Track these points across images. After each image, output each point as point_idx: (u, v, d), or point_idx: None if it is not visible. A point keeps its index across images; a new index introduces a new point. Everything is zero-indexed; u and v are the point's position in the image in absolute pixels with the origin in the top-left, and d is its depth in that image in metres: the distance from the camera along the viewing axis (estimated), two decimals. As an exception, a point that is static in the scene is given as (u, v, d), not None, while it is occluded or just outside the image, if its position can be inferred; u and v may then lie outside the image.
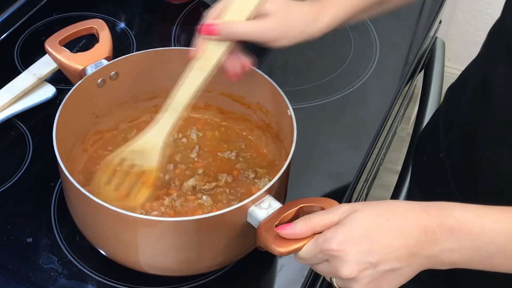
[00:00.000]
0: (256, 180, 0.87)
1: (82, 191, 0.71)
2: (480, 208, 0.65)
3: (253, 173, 0.88)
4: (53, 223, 0.86)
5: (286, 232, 0.67)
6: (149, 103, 0.93)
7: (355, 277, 0.64)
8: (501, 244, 0.64)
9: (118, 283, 0.81)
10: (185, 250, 0.75)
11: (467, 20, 1.97)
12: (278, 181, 0.74)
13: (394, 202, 0.68)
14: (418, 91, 1.22)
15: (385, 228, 0.64)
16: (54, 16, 1.16)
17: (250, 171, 0.88)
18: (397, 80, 1.10)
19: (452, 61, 2.00)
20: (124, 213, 0.70)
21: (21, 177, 0.91)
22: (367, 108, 1.05)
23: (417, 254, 0.64)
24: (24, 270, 0.81)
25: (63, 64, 0.86)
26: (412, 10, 1.23)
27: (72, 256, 0.82)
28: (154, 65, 0.89)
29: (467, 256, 0.65)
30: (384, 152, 1.14)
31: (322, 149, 0.97)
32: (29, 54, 1.07)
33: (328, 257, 0.65)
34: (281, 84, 0.84)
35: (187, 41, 1.13)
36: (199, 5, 1.21)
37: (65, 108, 0.80)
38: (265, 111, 0.89)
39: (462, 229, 0.64)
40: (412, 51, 1.15)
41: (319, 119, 1.02)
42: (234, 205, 0.71)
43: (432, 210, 0.65)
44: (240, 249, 0.79)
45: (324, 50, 1.14)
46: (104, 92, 0.87)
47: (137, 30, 1.16)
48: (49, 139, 0.76)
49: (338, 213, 0.66)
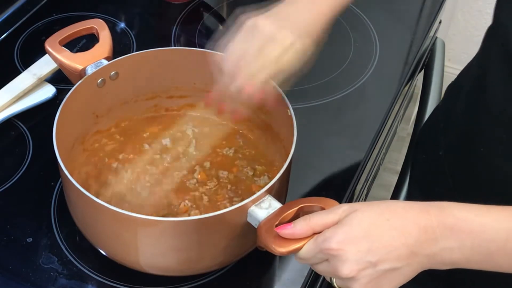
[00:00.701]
0: (255, 178, 0.87)
1: (82, 191, 0.71)
2: (480, 207, 0.66)
3: (252, 171, 0.88)
4: (53, 223, 0.86)
5: (286, 232, 0.67)
6: (149, 103, 0.93)
7: (354, 276, 0.64)
8: (501, 242, 0.64)
9: (118, 283, 0.81)
10: (185, 250, 0.75)
11: (467, 20, 1.97)
12: (278, 181, 0.74)
13: (394, 202, 0.68)
14: (418, 91, 1.22)
15: (385, 227, 0.64)
16: (54, 16, 1.16)
17: (249, 168, 0.88)
18: (397, 80, 1.10)
19: (452, 61, 2.00)
20: (124, 213, 0.70)
21: (21, 177, 0.91)
22: (367, 108, 1.05)
23: (417, 253, 0.64)
24: (24, 270, 0.81)
25: (63, 64, 0.86)
26: (412, 10, 1.23)
27: (72, 256, 0.82)
28: (154, 65, 0.89)
29: (467, 255, 0.65)
30: (384, 152, 1.14)
31: (322, 149, 0.97)
32: (29, 54, 1.07)
33: (327, 256, 0.65)
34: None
35: (187, 41, 1.14)
36: (199, 5, 1.21)
37: (65, 108, 0.80)
38: (265, 111, 0.89)
39: (462, 228, 0.64)
40: (412, 51, 1.15)
41: (319, 119, 1.02)
42: (234, 205, 0.71)
43: (432, 209, 0.65)
44: (240, 249, 0.79)
45: (324, 50, 1.13)
46: (104, 92, 0.87)
47: (137, 30, 1.16)
48: (49, 139, 0.76)
49: (338, 213, 0.66)
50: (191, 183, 0.86)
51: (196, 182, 0.86)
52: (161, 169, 0.88)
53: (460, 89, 0.88)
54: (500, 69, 0.74)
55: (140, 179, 0.87)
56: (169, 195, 0.85)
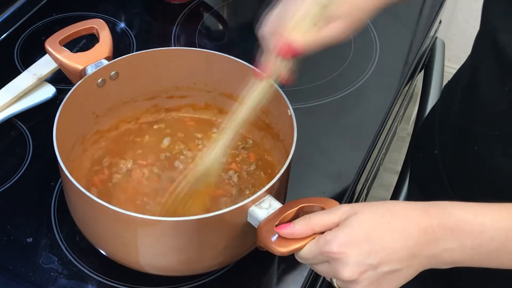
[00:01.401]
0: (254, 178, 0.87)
1: (82, 191, 0.71)
2: (479, 206, 0.66)
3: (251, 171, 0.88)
4: (53, 223, 0.86)
5: (286, 232, 0.67)
6: (149, 103, 0.93)
7: (355, 279, 0.64)
8: (501, 241, 0.64)
9: (118, 283, 0.81)
10: (185, 250, 0.75)
11: (467, 20, 1.97)
12: (278, 181, 0.74)
13: (394, 203, 0.68)
14: (418, 91, 1.22)
15: (385, 229, 0.64)
16: (54, 16, 1.16)
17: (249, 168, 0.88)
18: (397, 80, 1.10)
19: (452, 61, 1.99)
20: (124, 213, 0.70)
21: (21, 177, 0.91)
22: (367, 108, 1.05)
23: (418, 254, 0.64)
24: (24, 270, 0.81)
25: (63, 64, 0.86)
26: (412, 10, 1.23)
27: (72, 256, 0.82)
28: (154, 65, 0.89)
29: (467, 254, 0.65)
30: (384, 152, 1.14)
31: (322, 149, 0.97)
32: (29, 54, 1.07)
33: (328, 259, 0.65)
34: (281, 84, 0.84)
35: (187, 41, 1.14)
36: (199, 5, 1.21)
37: (65, 108, 0.80)
38: (265, 111, 0.89)
39: (462, 228, 0.64)
40: (412, 51, 1.15)
41: (319, 119, 1.02)
42: (234, 205, 0.71)
43: (432, 210, 0.65)
44: (240, 249, 0.79)
45: (324, 50, 1.14)
46: (104, 92, 0.87)
47: (137, 30, 1.16)
48: (49, 139, 0.76)
49: (338, 214, 0.66)
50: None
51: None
52: (161, 169, 0.88)
53: (455, 89, 0.89)
54: (491, 68, 0.75)
55: (140, 178, 0.87)
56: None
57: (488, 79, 0.76)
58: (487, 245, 0.64)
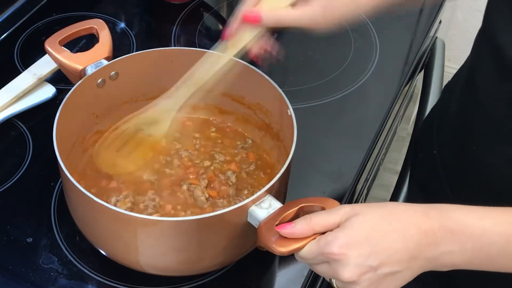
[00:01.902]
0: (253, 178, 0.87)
1: (82, 191, 0.71)
2: (480, 210, 0.66)
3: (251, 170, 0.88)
4: (53, 223, 0.86)
5: (286, 231, 0.67)
6: (149, 103, 0.93)
7: (355, 280, 0.64)
8: (502, 245, 0.64)
9: (118, 283, 0.81)
10: (185, 250, 0.75)
11: (467, 20, 1.97)
12: (278, 181, 0.74)
13: (395, 205, 0.68)
14: (418, 91, 1.22)
15: (386, 231, 0.64)
16: (54, 16, 1.16)
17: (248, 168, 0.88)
18: (397, 80, 1.10)
19: (452, 61, 1.99)
20: (124, 213, 0.70)
21: (21, 177, 0.91)
22: (367, 108, 1.05)
23: (418, 257, 0.64)
24: (24, 270, 0.81)
25: (63, 64, 0.86)
26: (412, 10, 1.23)
27: (72, 256, 0.82)
28: (154, 65, 0.89)
29: (467, 257, 0.65)
30: (384, 152, 1.14)
31: (322, 149, 0.97)
32: (29, 54, 1.07)
33: (328, 259, 0.65)
34: (281, 84, 0.84)
35: (187, 41, 1.14)
36: (199, 5, 1.21)
37: (65, 108, 0.80)
38: (265, 111, 0.89)
39: (463, 231, 0.64)
40: (412, 51, 1.15)
41: (319, 119, 1.02)
42: (234, 205, 0.71)
43: (433, 212, 0.65)
44: (240, 249, 0.79)
45: (324, 50, 1.14)
46: (104, 92, 0.87)
47: (137, 30, 1.16)
48: (49, 139, 0.76)
49: (339, 214, 0.66)
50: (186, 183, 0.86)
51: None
52: (161, 169, 0.88)
53: (454, 89, 0.89)
54: (491, 69, 0.75)
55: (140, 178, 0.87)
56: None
57: (488, 79, 0.76)
58: (487, 249, 0.64)
